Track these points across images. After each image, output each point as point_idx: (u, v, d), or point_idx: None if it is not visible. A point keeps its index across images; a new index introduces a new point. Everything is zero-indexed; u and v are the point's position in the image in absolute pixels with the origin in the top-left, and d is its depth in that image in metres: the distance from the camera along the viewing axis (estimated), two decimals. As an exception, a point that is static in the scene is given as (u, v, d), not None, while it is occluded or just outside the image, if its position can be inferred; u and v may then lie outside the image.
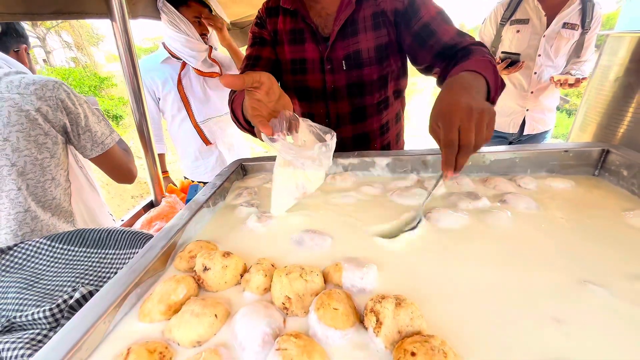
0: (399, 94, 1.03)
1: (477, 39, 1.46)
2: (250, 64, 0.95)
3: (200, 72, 1.64)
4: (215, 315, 0.42)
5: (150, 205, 1.66)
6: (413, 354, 0.34)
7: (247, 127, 0.80)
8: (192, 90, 1.65)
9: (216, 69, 1.68)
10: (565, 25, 1.55)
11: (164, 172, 1.77)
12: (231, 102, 0.89)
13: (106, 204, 1.27)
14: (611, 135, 1.02)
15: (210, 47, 1.62)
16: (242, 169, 0.94)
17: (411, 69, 1.01)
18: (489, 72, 0.67)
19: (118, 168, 1.05)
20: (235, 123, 0.88)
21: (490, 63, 0.71)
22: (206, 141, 1.72)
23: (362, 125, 0.98)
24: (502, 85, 0.73)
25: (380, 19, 0.87)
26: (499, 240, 0.58)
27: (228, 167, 0.91)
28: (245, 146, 1.98)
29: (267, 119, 0.59)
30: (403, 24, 0.86)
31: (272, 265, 0.52)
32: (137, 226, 1.45)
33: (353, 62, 0.89)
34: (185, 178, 1.89)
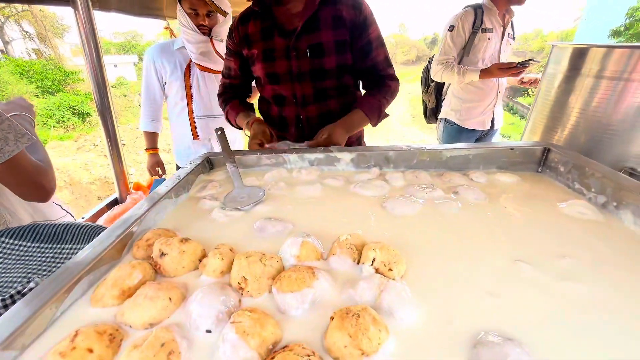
0: (357, 84, 1.22)
1: (443, 43, 1.60)
2: (226, 74, 1.27)
3: (199, 66, 1.64)
4: (170, 299, 0.43)
5: (115, 202, 1.61)
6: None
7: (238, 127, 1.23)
8: (196, 83, 1.67)
9: (218, 65, 1.67)
10: (508, 35, 1.92)
11: (154, 148, 1.79)
12: (226, 112, 1.25)
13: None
14: (557, 137, 1.11)
15: (212, 39, 1.60)
16: (208, 162, 0.94)
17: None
18: (373, 114, 1.11)
19: (21, 182, 0.87)
20: (228, 123, 1.26)
21: (379, 107, 1.11)
22: (195, 135, 1.73)
23: (325, 105, 1.15)
24: (384, 117, 1.16)
25: (339, 22, 1.04)
26: (449, 226, 0.62)
27: (194, 160, 0.90)
28: (239, 144, 1.97)
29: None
30: (356, 33, 1.06)
31: (231, 250, 0.53)
32: (99, 224, 1.40)
33: (316, 51, 1.06)
34: (177, 164, 1.90)
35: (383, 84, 1.12)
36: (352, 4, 1.04)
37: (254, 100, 1.46)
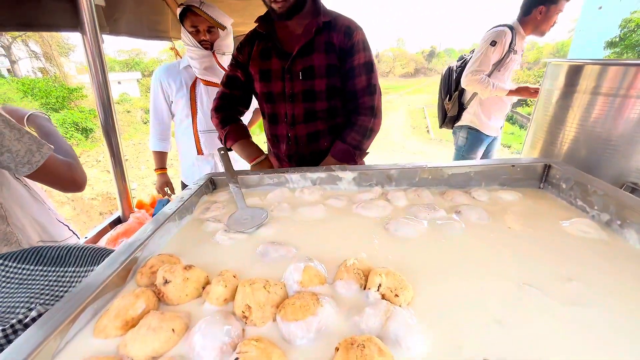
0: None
1: (481, 55, 2.03)
2: (229, 84, 1.27)
3: (204, 81, 1.68)
4: (173, 330, 0.43)
5: (118, 221, 1.61)
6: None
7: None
8: (201, 99, 1.71)
9: (221, 78, 1.70)
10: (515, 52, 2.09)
11: (163, 168, 1.84)
12: (225, 134, 1.24)
13: (57, 212, 1.21)
14: (556, 152, 1.12)
15: (214, 53, 1.64)
16: (211, 183, 0.95)
17: (382, 91, 1.20)
18: (347, 160, 1.17)
19: (57, 181, 0.95)
20: (220, 141, 1.28)
21: (349, 153, 1.16)
22: (199, 150, 1.77)
23: (313, 125, 1.20)
24: (363, 155, 1.22)
25: (331, 47, 1.11)
26: (453, 249, 0.62)
27: (197, 181, 0.91)
28: (242, 162, 1.99)
29: None
30: (342, 58, 1.12)
31: (234, 277, 0.53)
32: (101, 244, 1.40)
33: (308, 73, 1.12)
34: (182, 182, 1.93)
35: (355, 118, 1.16)
36: (345, 31, 1.10)
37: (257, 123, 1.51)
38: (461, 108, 2.33)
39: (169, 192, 1.88)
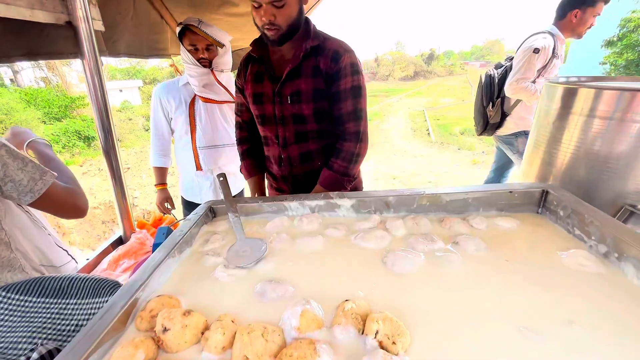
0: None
1: (525, 63, 2.04)
2: (239, 110, 1.37)
3: (202, 99, 1.71)
4: (172, 383, 0.43)
5: (119, 241, 1.62)
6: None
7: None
8: (200, 116, 1.74)
9: (221, 96, 1.74)
10: None
11: (163, 184, 1.88)
12: (240, 167, 1.42)
13: (57, 237, 1.23)
14: (554, 171, 1.12)
15: (213, 71, 1.66)
16: (211, 212, 0.96)
17: (382, 94, 1.21)
18: (335, 188, 1.18)
19: (59, 209, 0.96)
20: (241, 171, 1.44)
21: (337, 181, 1.17)
22: (198, 166, 1.79)
23: (305, 145, 1.22)
24: (352, 181, 1.23)
25: (318, 72, 1.12)
26: (450, 286, 0.62)
27: (196, 211, 0.92)
28: (241, 178, 2.01)
29: None
30: (329, 83, 1.13)
31: (233, 321, 0.54)
32: (103, 265, 1.40)
33: (295, 97, 1.14)
34: (182, 197, 1.95)
35: (341, 145, 1.18)
36: (332, 56, 1.10)
37: None
38: (503, 115, 2.31)
39: (169, 207, 1.89)
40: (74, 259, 1.33)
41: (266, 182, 1.45)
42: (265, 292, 0.62)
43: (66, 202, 0.96)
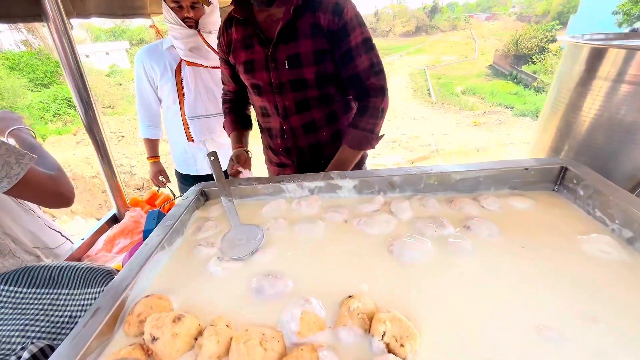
0: (344, 91, 1.13)
1: None
2: (225, 80, 1.27)
3: (189, 63, 1.55)
4: (163, 403, 0.40)
5: (114, 219, 1.58)
6: None
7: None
8: (187, 83, 1.59)
9: (210, 61, 1.58)
10: None
11: (155, 156, 1.78)
12: (223, 125, 1.33)
13: (48, 219, 1.18)
14: (570, 140, 1.04)
15: (200, 32, 1.51)
16: (202, 195, 0.89)
17: (382, 52, 1.12)
18: (362, 147, 1.07)
19: (41, 196, 0.86)
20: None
21: (366, 139, 1.05)
22: (189, 137, 1.67)
23: (308, 115, 1.11)
24: (379, 139, 1.09)
25: (317, 30, 0.99)
26: (462, 278, 0.57)
27: (186, 195, 0.85)
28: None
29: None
30: (334, 42, 1.00)
31: (227, 326, 0.50)
32: (99, 245, 1.37)
33: (294, 62, 1.01)
34: (176, 170, 1.86)
35: (366, 102, 1.06)
36: (333, 10, 0.96)
37: None
38: None
39: (163, 180, 1.82)
40: (69, 239, 1.30)
41: (264, 157, 1.36)
42: (262, 289, 0.58)
43: (48, 189, 0.87)
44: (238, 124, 1.29)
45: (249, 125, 1.33)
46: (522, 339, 0.46)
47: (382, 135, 1.09)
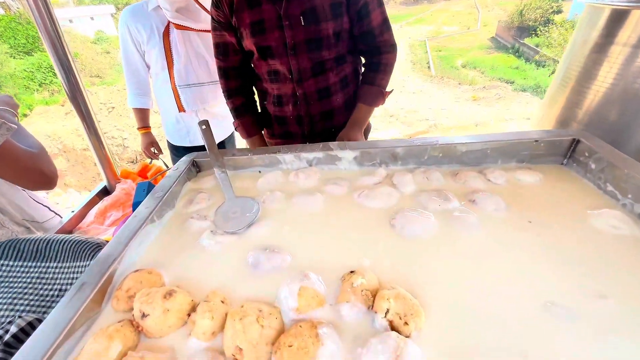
0: (354, 52, 1.09)
1: None
2: (221, 53, 1.08)
3: (177, 26, 1.43)
4: (153, 382, 0.37)
5: (105, 191, 1.53)
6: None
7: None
8: (176, 48, 1.47)
9: (201, 23, 1.46)
10: None
11: (146, 127, 1.69)
12: (236, 125, 1.20)
13: (35, 194, 1.14)
14: (580, 111, 1.00)
15: None
16: (194, 166, 0.85)
17: None
18: (377, 102, 1.07)
19: (18, 172, 0.79)
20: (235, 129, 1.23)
21: (381, 94, 1.05)
22: (180, 107, 1.58)
23: (323, 79, 1.04)
24: (388, 95, 1.08)
25: None
26: (467, 253, 0.55)
27: (177, 166, 0.81)
28: (231, 119, 1.84)
29: None
30: None
31: (222, 302, 0.47)
32: (90, 217, 1.34)
33: (310, 18, 0.93)
34: (168, 142, 1.78)
35: (378, 59, 1.04)
36: None
37: None
38: None
39: (156, 152, 1.76)
40: (57, 214, 1.26)
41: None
42: (259, 263, 0.55)
43: (26, 166, 0.79)
44: (258, 126, 1.20)
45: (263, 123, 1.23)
46: (529, 316, 0.44)
47: (392, 91, 1.09)
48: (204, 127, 0.83)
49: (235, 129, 1.22)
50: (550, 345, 0.41)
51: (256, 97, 1.22)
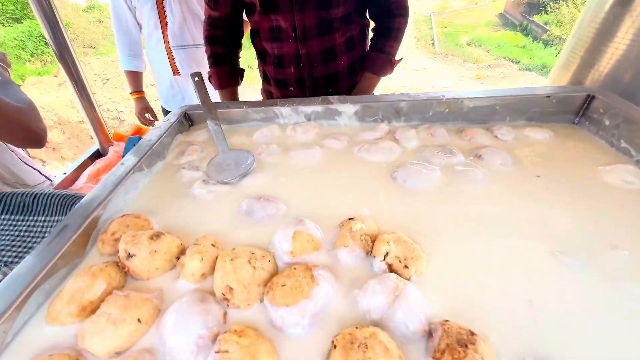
0: (362, 11, 1.03)
1: None
2: (212, 6, 1.01)
3: None
4: (139, 320, 0.35)
5: (97, 154, 1.49)
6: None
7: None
8: (170, 5, 1.38)
9: None
10: None
11: (139, 91, 1.62)
12: (209, 74, 1.09)
13: (24, 155, 1.10)
14: (594, 73, 0.94)
15: None
16: (186, 119, 0.80)
17: None
18: (385, 71, 1.02)
19: (7, 130, 0.75)
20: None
21: (389, 62, 1.00)
22: (174, 70, 1.51)
23: (328, 39, 0.98)
24: (396, 63, 1.03)
25: None
26: (472, 205, 0.52)
27: (168, 117, 0.76)
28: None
29: None
30: None
31: (213, 245, 0.45)
32: (82, 180, 1.30)
33: None
34: (162, 108, 1.72)
35: (389, 23, 0.97)
36: None
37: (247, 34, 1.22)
38: None
39: (150, 118, 1.70)
40: (48, 178, 1.22)
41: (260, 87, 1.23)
42: (252, 211, 0.52)
43: (13, 121, 0.75)
44: (232, 79, 1.10)
45: (241, 79, 1.14)
46: (536, 265, 0.42)
47: (401, 59, 1.04)
48: (196, 79, 0.78)
49: (209, 79, 1.11)
50: (558, 292, 0.39)
51: (249, 60, 1.16)
